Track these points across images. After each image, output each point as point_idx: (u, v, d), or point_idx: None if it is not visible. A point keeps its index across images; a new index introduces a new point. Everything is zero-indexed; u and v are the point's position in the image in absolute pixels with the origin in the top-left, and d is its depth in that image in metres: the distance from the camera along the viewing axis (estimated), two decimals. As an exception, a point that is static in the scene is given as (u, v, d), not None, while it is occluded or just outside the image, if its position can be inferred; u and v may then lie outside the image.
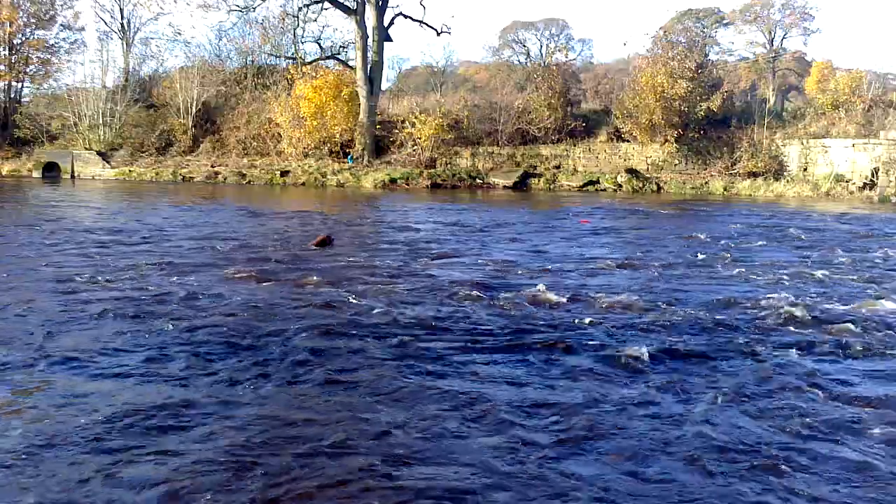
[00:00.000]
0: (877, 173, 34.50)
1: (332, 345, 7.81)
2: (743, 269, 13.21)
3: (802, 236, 19.01)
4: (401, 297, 10.16)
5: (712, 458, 5.29)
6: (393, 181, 37.21)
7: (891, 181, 33.86)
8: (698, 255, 15.11)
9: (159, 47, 64.94)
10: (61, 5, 44.77)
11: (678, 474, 5.04)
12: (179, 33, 65.47)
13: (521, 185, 37.73)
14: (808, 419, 6.02)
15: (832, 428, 5.87)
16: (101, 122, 40.98)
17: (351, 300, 9.87)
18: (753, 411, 6.21)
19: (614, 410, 6.13)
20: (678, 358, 7.65)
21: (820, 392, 6.70)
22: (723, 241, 17.60)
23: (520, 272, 12.54)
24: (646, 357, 7.45)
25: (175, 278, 11.23)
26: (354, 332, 8.30)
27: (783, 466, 5.16)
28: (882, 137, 34.76)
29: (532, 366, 7.30)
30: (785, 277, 12.54)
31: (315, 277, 11.45)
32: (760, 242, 17.66)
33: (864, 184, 34.86)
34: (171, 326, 8.33)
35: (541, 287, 10.79)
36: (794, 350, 7.95)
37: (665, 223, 22.61)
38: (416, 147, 39.17)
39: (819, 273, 12.95)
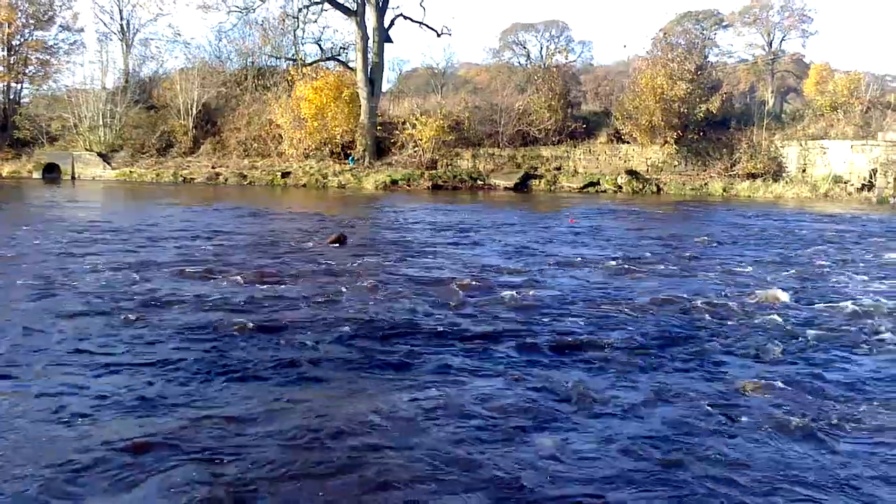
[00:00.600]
0: (875, 174, 34.63)
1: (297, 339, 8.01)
2: (698, 268, 13.73)
3: (778, 237, 19.35)
4: (373, 296, 10.37)
5: (628, 444, 5.52)
6: (394, 182, 37.26)
7: (889, 182, 33.99)
8: (649, 253, 15.58)
9: (159, 48, 64.76)
10: (60, 6, 44.87)
11: (604, 460, 5.28)
12: (179, 34, 65.32)
13: (522, 186, 37.81)
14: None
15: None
16: (101, 123, 41.02)
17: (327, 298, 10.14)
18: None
19: (563, 401, 6.39)
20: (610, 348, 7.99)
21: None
22: (697, 241, 17.99)
23: (493, 272, 12.81)
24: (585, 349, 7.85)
25: (179, 276, 11.32)
26: (332, 326, 8.51)
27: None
28: (880, 139, 34.91)
29: (490, 360, 7.50)
30: (714, 273, 13.12)
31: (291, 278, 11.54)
32: (732, 242, 18.02)
33: (863, 185, 34.99)
34: (163, 323, 8.48)
35: (513, 291, 10.94)
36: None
37: (654, 224, 22.80)
38: (416, 148, 39.24)
39: (749, 269, 13.69)
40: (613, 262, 14.06)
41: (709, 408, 6.27)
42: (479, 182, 38.11)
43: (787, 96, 53.39)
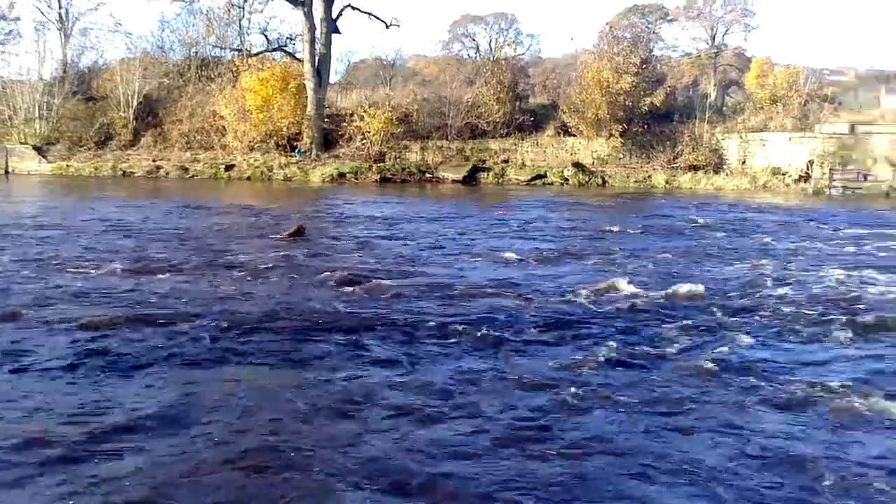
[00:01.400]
0: (812, 166, 35.49)
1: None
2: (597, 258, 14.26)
3: (686, 229, 19.92)
4: (268, 290, 10.59)
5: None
6: (342, 175, 36.95)
7: (824, 174, 34.86)
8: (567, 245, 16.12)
9: (99, 38, 62.87)
10: (-5, -6, 43.26)
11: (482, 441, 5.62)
12: (120, 24, 63.53)
13: (471, 179, 37.82)
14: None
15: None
16: (37, 115, 39.85)
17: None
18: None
19: (467, 383, 6.79)
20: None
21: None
22: (607, 231, 18.64)
23: (408, 264, 13.18)
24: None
25: (127, 271, 11.05)
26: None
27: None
28: (817, 131, 35.77)
29: (391, 348, 7.82)
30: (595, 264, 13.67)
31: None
32: (641, 233, 18.65)
33: (800, 176, 35.82)
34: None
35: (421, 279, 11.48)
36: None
37: (589, 216, 23.26)
38: (365, 141, 38.96)
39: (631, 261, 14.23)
40: (526, 255, 14.39)
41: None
42: (428, 175, 38.01)
43: (729, 90, 54.33)
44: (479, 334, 8.34)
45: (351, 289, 10.64)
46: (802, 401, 6.51)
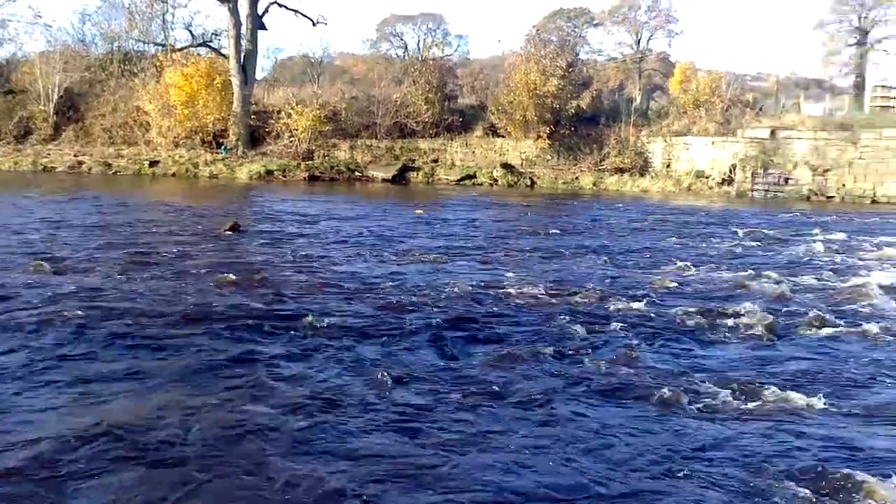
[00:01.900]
0: (734, 169, 36.64)
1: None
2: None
3: (606, 227, 20.68)
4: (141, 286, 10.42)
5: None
6: (269, 173, 36.56)
7: (746, 177, 36.03)
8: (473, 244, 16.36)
9: (18, 30, 60.52)
10: None
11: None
12: (40, 16, 61.21)
13: (400, 178, 37.88)
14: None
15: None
16: (-48, 108, 38.27)
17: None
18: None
19: (351, 376, 6.93)
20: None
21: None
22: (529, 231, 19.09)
23: (316, 260, 13.34)
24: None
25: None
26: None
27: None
28: (739, 136, 36.87)
29: (282, 343, 7.89)
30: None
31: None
32: (564, 232, 19.27)
33: (723, 179, 36.97)
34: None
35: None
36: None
37: (509, 216, 23.73)
38: (292, 138, 38.63)
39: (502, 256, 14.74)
40: (433, 252, 14.58)
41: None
42: (357, 174, 37.92)
43: (654, 94, 55.77)
44: (370, 331, 8.42)
45: (232, 285, 10.63)
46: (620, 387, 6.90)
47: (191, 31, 44.55)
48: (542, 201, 30.26)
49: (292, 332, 8.23)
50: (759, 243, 17.95)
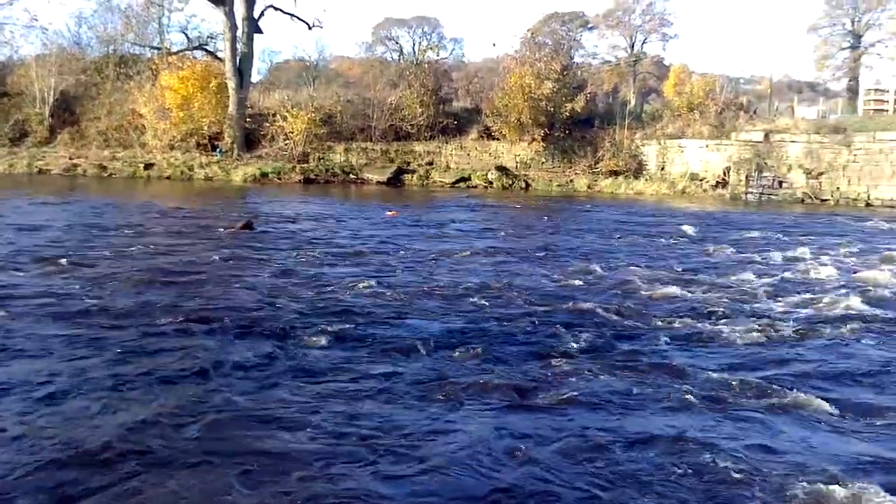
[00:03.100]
0: (728, 172, 36.77)
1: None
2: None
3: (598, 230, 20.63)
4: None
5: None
6: (264, 175, 36.62)
7: (741, 180, 36.17)
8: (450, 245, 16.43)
9: (13, 33, 60.58)
10: None
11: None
12: (36, 19, 61.15)
13: (395, 181, 37.98)
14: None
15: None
16: (-53, 111, 38.33)
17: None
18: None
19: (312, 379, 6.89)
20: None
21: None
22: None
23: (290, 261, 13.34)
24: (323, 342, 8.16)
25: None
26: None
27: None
28: (733, 138, 37.00)
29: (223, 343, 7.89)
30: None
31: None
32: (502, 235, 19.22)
33: (717, 182, 37.08)
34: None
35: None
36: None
37: (498, 218, 23.82)
38: (288, 141, 38.72)
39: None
40: (399, 254, 14.62)
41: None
42: (352, 176, 38.04)
43: (648, 97, 55.88)
44: (331, 329, 8.40)
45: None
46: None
47: (186, 35, 44.65)
48: (535, 203, 30.26)
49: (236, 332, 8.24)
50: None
